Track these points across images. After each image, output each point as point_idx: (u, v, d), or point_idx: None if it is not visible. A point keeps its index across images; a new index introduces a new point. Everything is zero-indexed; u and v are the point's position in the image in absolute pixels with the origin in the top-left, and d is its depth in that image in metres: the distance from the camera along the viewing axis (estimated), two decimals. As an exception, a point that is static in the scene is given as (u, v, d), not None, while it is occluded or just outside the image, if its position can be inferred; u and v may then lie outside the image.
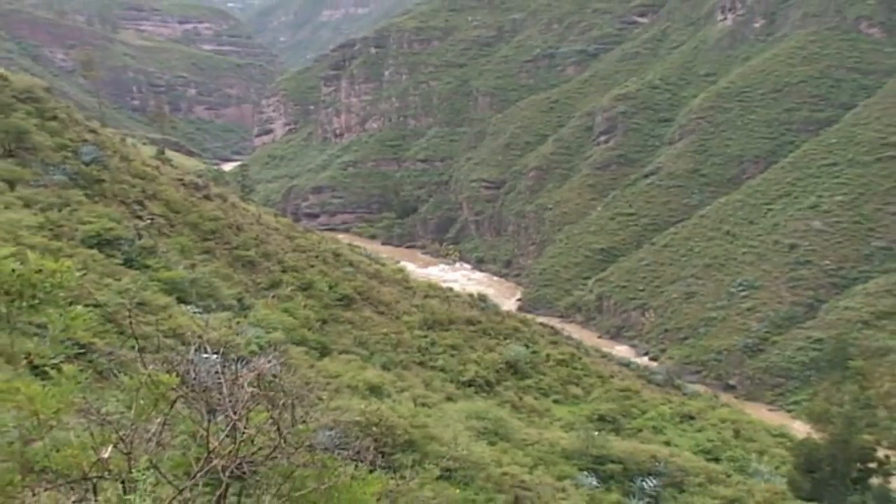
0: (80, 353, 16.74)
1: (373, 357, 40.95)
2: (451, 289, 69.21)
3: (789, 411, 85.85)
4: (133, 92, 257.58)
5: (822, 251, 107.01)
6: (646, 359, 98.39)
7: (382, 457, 18.67)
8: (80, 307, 5.45)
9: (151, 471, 4.90)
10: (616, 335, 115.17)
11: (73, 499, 4.89)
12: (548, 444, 31.31)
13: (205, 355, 5.86)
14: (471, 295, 66.98)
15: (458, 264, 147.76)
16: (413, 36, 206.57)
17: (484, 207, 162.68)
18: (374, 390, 30.99)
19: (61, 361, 5.21)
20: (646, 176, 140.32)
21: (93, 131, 49.91)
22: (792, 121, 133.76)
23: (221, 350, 5.83)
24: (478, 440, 27.08)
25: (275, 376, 5.62)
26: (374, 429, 21.34)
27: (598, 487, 28.47)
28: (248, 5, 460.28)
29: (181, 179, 55.11)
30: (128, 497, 4.70)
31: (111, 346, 19.40)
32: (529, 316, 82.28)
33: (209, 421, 5.12)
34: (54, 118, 45.17)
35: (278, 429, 5.27)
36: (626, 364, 69.75)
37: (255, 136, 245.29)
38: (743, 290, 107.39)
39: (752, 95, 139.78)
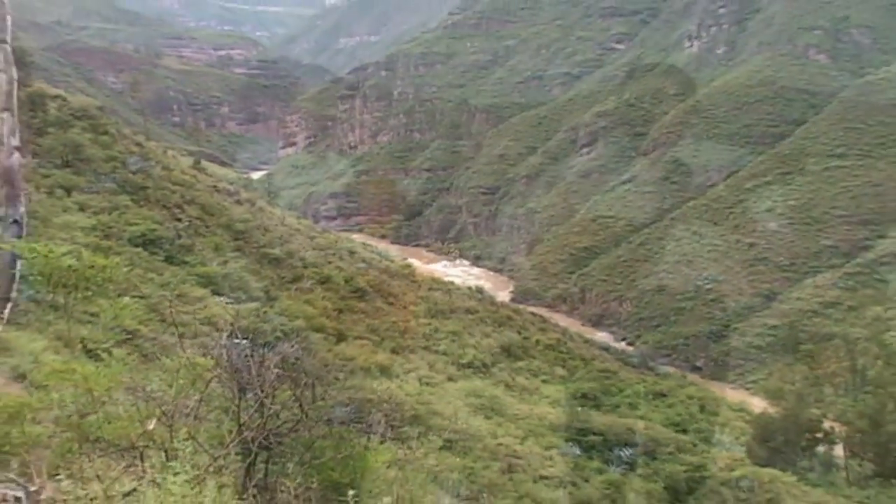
0: (128, 339, 16.72)
1: (383, 342, 40.88)
2: (452, 282, 69.14)
3: (748, 389, 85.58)
4: (174, 110, 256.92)
5: (777, 249, 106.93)
6: (623, 344, 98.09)
7: (392, 430, 18.69)
8: (127, 298, 5.48)
9: (190, 441, 4.92)
10: (597, 323, 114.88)
11: (122, 465, 4.92)
12: (537, 419, 31.28)
13: (236, 341, 5.88)
14: (469, 288, 67.00)
15: (458, 261, 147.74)
16: (419, 60, 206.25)
17: (481, 210, 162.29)
18: (385, 371, 30.98)
19: (112, 346, 5.24)
20: (623, 183, 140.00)
21: (139, 144, 49.94)
22: (750, 135, 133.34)
23: (250, 336, 5.86)
24: (475, 415, 27.07)
25: (297, 359, 5.64)
26: (385, 405, 21.32)
27: (580, 456, 28.45)
28: (275, 34, 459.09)
29: (215, 186, 55.10)
30: (170, 464, 4.72)
31: (154, 332, 19.39)
32: (521, 306, 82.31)
33: (240, 398, 5.15)
34: (106, 133, 45.20)
35: (300, 405, 5.29)
36: (606, 348, 69.66)
37: (279, 148, 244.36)
38: (708, 284, 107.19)
39: (716, 112, 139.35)
